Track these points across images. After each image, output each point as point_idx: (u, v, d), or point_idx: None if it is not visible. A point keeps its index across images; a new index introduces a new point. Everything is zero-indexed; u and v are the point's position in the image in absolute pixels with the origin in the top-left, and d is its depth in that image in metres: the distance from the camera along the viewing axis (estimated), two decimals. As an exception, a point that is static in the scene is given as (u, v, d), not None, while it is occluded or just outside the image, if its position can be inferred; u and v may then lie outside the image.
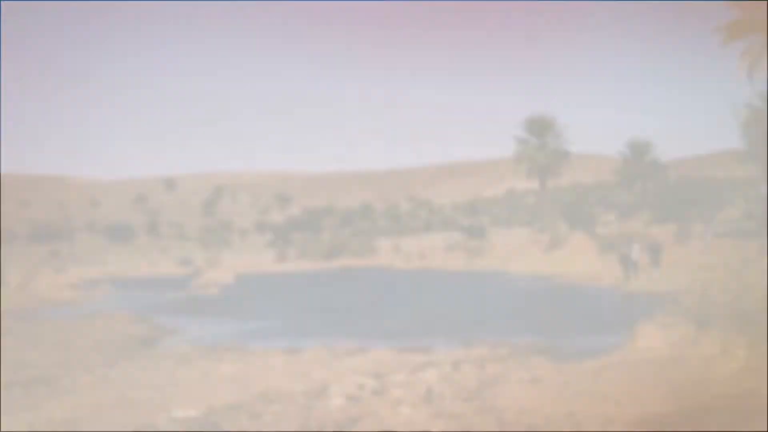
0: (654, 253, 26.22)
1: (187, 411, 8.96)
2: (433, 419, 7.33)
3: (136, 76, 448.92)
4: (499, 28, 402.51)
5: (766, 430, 5.46)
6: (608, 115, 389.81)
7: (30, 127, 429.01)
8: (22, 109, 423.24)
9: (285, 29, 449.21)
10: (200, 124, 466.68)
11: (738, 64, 36.28)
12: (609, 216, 79.24)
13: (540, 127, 65.42)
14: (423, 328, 20.32)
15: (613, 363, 10.90)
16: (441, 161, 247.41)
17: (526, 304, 24.21)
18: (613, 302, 22.47)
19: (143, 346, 20.48)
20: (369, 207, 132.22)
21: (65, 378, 14.29)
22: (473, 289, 32.19)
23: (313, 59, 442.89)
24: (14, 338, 21.91)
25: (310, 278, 52.77)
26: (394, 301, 29.19)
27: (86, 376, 14.34)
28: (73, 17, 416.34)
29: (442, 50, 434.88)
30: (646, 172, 64.28)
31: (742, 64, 36.17)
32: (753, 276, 6.53)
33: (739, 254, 16.54)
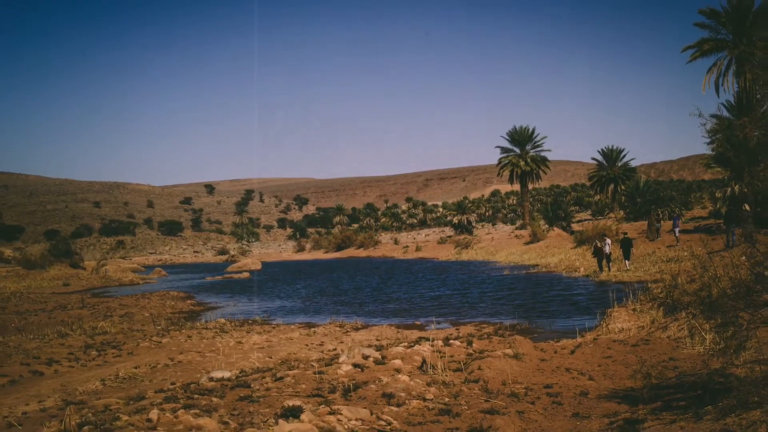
0: (626, 246, 24.41)
1: (223, 372, 8.96)
2: (427, 386, 7.31)
3: (182, 103, 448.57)
4: (481, 52, 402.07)
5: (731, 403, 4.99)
6: (584, 124, 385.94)
7: (101, 144, 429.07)
8: (97, 129, 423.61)
9: (304, 74, 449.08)
10: (234, 139, 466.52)
11: (705, 78, 35.27)
12: (584, 214, 76.08)
13: (521, 137, 62.70)
14: (418, 309, 19.91)
15: (587, 342, 10.40)
16: (434, 168, 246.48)
17: (509, 290, 22.95)
18: (587, 290, 21.03)
19: (189, 318, 20.47)
20: (372, 207, 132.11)
21: (129, 342, 14.36)
22: (462, 276, 31.08)
23: (328, 91, 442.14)
24: (91, 310, 22.02)
25: (323, 266, 52.61)
26: (393, 286, 28.60)
27: (144, 341, 14.37)
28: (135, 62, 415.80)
29: (436, 72, 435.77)
30: (618, 175, 60.79)
31: (708, 78, 35.20)
32: (719, 268, 6.17)
33: (705, 248, 14.75)
